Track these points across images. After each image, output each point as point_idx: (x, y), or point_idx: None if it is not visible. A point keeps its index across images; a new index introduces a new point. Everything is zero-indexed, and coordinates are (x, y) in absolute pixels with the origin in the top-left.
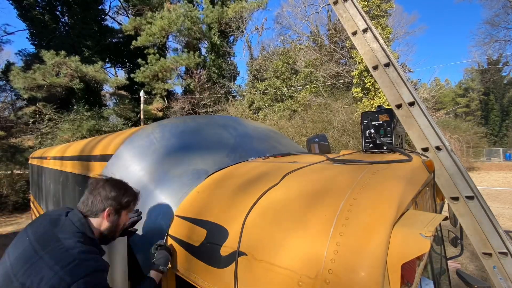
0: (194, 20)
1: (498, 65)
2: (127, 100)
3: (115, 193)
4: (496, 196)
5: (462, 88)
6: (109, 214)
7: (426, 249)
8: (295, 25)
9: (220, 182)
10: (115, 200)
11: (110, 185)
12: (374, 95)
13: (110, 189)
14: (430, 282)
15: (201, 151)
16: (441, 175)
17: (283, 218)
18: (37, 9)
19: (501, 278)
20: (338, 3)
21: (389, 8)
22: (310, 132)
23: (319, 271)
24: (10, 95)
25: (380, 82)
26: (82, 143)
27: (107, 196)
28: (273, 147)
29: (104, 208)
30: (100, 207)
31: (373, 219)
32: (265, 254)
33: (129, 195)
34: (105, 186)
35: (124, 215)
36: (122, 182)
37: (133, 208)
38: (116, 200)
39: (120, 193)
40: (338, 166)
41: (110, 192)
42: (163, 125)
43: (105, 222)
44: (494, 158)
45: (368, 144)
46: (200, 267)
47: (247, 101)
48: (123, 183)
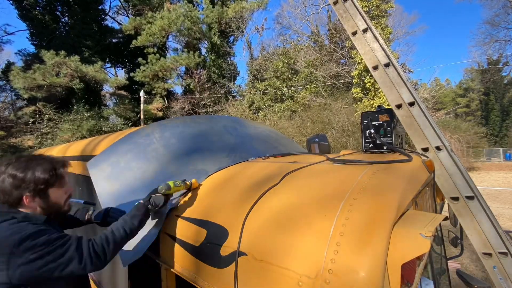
0: (194, 20)
1: (498, 65)
2: (127, 100)
3: (22, 175)
4: (496, 196)
5: (462, 88)
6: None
7: (426, 249)
8: (295, 25)
9: (220, 182)
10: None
11: (13, 168)
12: (374, 95)
13: (14, 172)
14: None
15: (201, 151)
16: (441, 175)
17: (283, 218)
18: (37, 9)
19: (501, 278)
20: (338, 3)
21: (389, 8)
22: (309, 132)
23: (319, 271)
24: (10, 95)
25: (380, 82)
26: (83, 142)
27: (14, 183)
28: (273, 147)
29: (21, 196)
30: (16, 196)
31: (373, 219)
32: (265, 254)
33: (42, 172)
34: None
35: (53, 192)
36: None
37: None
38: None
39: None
40: (338, 166)
41: (15, 177)
42: (163, 125)
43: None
44: (494, 158)
45: (368, 144)
46: (200, 267)
47: (247, 101)
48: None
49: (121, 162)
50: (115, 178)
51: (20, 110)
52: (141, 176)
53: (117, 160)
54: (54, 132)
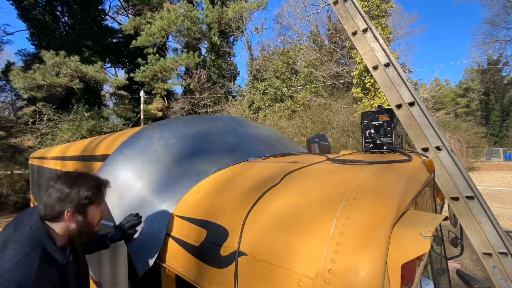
0: (193, 20)
1: (498, 65)
2: (127, 100)
3: (68, 191)
4: (496, 196)
5: (462, 88)
6: (70, 216)
7: (426, 249)
8: (295, 25)
9: (220, 183)
10: (71, 198)
11: (62, 183)
12: (374, 95)
13: (62, 187)
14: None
15: (201, 152)
16: (441, 175)
17: (283, 218)
18: (37, 9)
19: (501, 278)
20: (338, 3)
21: (389, 8)
22: (309, 132)
23: (319, 271)
24: (10, 95)
25: (380, 82)
26: (84, 143)
27: (60, 197)
28: (273, 147)
29: (63, 211)
30: (58, 210)
31: (373, 219)
32: (265, 254)
33: (87, 189)
34: (56, 185)
35: (92, 210)
36: (78, 175)
37: (102, 200)
38: (73, 199)
39: (74, 190)
40: (338, 166)
41: (62, 191)
42: (163, 126)
43: (71, 225)
44: (494, 158)
45: (368, 144)
46: (200, 267)
47: (247, 101)
48: (78, 176)
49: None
50: (120, 183)
51: (20, 110)
52: (143, 177)
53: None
54: (54, 132)
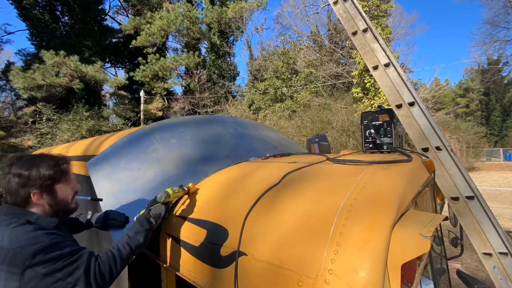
0: (193, 20)
1: (498, 65)
2: (127, 100)
3: (27, 173)
4: (496, 196)
5: (462, 88)
6: (38, 198)
7: (426, 249)
8: (295, 25)
9: (220, 182)
10: (33, 180)
11: (17, 167)
12: (374, 95)
13: (19, 171)
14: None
15: (201, 151)
16: (441, 175)
17: (283, 218)
18: (37, 9)
19: (501, 278)
20: (338, 3)
21: (389, 8)
22: (309, 132)
23: (319, 271)
24: (10, 95)
25: (380, 82)
26: (85, 142)
27: (21, 182)
28: (273, 147)
29: (28, 194)
30: (23, 194)
31: (373, 219)
32: (265, 254)
33: (47, 168)
34: (11, 171)
35: (60, 188)
36: (32, 157)
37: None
38: (34, 180)
39: (33, 171)
40: (338, 166)
41: (20, 176)
42: (163, 125)
43: (44, 206)
44: (494, 158)
45: (368, 144)
46: (200, 267)
47: (247, 101)
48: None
49: (121, 162)
50: (115, 178)
51: (20, 110)
52: (141, 176)
53: (117, 160)
54: (53, 132)
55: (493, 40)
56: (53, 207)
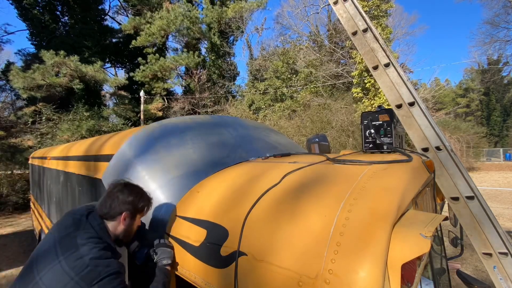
0: (193, 20)
1: (498, 65)
2: (127, 100)
3: (132, 198)
4: (496, 196)
5: (462, 89)
6: (125, 218)
7: (426, 249)
8: (295, 25)
9: (220, 182)
10: (132, 204)
11: (128, 190)
12: (374, 95)
13: (128, 193)
14: (430, 282)
15: (201, 151)
16: (441, 175)
17: (283, 218)
18: (37, 9)
19: (501, 278)
20: (338, 3)
21: (389, 8)
22: (309, 132)
23: (319, 271)
24: (10, 95)
25: (380, 82)
26: (86, 142)
27: (124, 200)
28: (273, 147)
29: (121, 212)
30: (118, 210)
31: (373, 219)
32: (265, 254)
33: (144, 200)
34: (123, 190)
35: (138, 219)
36: (139, 187)
37: (146, 213)
38: (133, 205)
39: (137, 198)
40: (338, 166)
41: (128, 196)
42: (163, 125)
43: (121, 226)
44: (494, 158)
45: (368, 144)
46: (200, 267)
47: (247, 101)
48: (140, 188)
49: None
50: None
51: (20, 110)
52: (143, 178)
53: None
54: (53, 132)
55: (493, 40)
56: (125, 232)
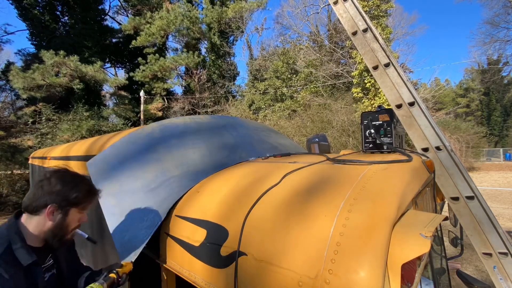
0: (193, 20)
1: (498, 65)
2: (127, 100)
3: (61, 187)
4: (496, 196)
5: (462, 88)
6: (52, 211)
7: (426, 249)
8: (295, 25)
9: (220, 183)
10: (60, 195)
11: (56, 178)
12: (374, 95)
13: (56, 182)
14: (430, 282)
15: (200, 151)
16: (441, 175)
17: (283, 218)
18: (37, 9)
19: (501, 278)
20: (338, 3)
21: (389, 8)
22: (309, 132)
23: (319, 271)
24: (10, 95)
25: (380, 82)
26: (87, 142)
27: (51, 190)
28: (273, 147)
29: (46, 204)
30: (42, 202)
31: (374, 219)
32: (265, 254)
33: (79, 190)
34: (50, 179)
35: (73, 213)
36: (75, 175)
37: (87, 207)
38: (61, 195)
39: (67, 187)
40: (338, 166)
41: (55, 185)
42: (163, 125)
43: (48, 222)
44: (494, 158)
45: (368, 144)
46: (200, 267)
47: (247, 101)
48: (76, 176)
49: (121, 161)
50: (115, 178)
51: (20, 110)
52: (141, 176)
53: (117, 160)
54: (53, 132)
55: (493, 40)
56: (55, 229)
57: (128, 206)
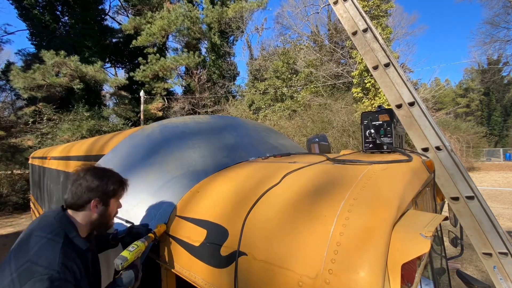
0: (193, 20)
1: (498, 65)
2: (127, 100)
3: (98, 182)
4: (496, 196)
5: (462, 88)
6: (95, 205)
7: (426, 249)
8: (295, 25)
9: (220, 183)
10: (99, 189)
11: (92, 175)
12: (374, 95)
13: (92, 178)
14: (430, 282)
15: (201, 152)
16: (441, 175)
17: (283, 218)
18: (37, 9)
19: (501, 278)
20: (338, 3)
21: (389, 8)
22: (310, 132)
23: (319, 271)
24: (10, 95)
25: (380, 82)
26: (87, 142)
27: (89, 186)
28: (273, 147)
29: (90, 200)
30: (85, 199)
31: (374, 219)
32: (265, 254)
33: (113, 183)
34: (86, 176)
35: (113, 203)
36: (105, 170)
37: (122, 195)
38: (101, 190)
39: (103, 181)
40: (338, 166)
41: (92, 181)
42: (163, 125)
43: (94, 215)
44: (494, 158)
45: (368, 144)
46: (200, 267)
47: (247, 101)
48: (106, 170)
49: (124, 165)
50: None
51: (20, 110)
52: (144, 178)
53: (119, 164)
54: (54, 132)
55: (493, 40)
56: (100, 218)
57: (132, 209)
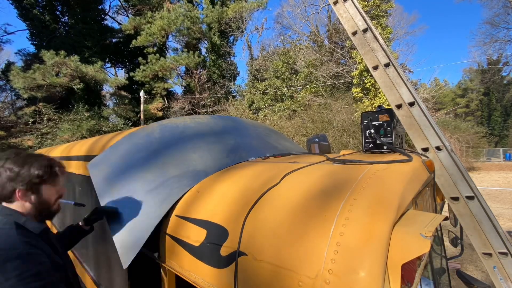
0: (193, 20)
1: (498, 65)
2: (127, 100)
3: (18, 170)
4: (496, 196)
5: (461, 89)
6: (22, 194)
7: (426, 249)
8: (295, 25)
9: (220, 183)
10: (21, 177)
11: (11, 162)
12: (374, 95)
13: (12, 166)
14: (430, 282)
15: (200, 152)
16: (441, 175)
17: (283, 218)
18: (37, 9)
19: (501, 278)
20: (338, 3)
21: (389, 8)
22: (310, 132)
23: (319, 271)
24: (10, 95)
25: (380, 82)
26: (88, 142)
27: (10, 176)
28: (273, 147)
29: (14, 189)
30: (9, 189)
31: (374, 219)
32: (265, 254)
33: (38, 168)
34: (5, 165)
35: (46, 189)
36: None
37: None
38: (22, 178)
39: (25, 168)
40: (338, 166)
41: (11, 170)
42: (163, 125)
43: (25, 203)
44: (494, 158)
45: (368, 144)
46: (200, 267)
47: (247, 101)
48: (28, 156)
49: (122, 162)
50: (116, 178)
51: (20, 110)
52: (141, 176)
53: (117, 161)
54: (54, 132)
55: (493, 40)
56: (35, 206)
57: (129, 206)
